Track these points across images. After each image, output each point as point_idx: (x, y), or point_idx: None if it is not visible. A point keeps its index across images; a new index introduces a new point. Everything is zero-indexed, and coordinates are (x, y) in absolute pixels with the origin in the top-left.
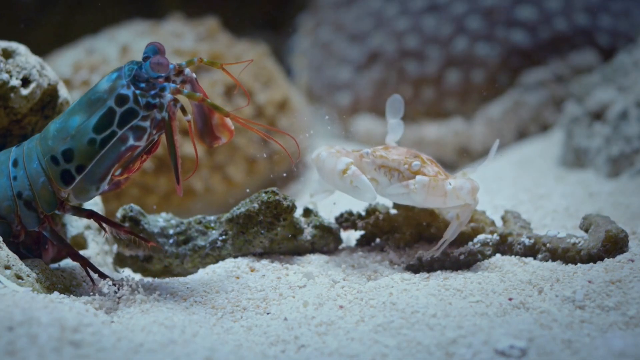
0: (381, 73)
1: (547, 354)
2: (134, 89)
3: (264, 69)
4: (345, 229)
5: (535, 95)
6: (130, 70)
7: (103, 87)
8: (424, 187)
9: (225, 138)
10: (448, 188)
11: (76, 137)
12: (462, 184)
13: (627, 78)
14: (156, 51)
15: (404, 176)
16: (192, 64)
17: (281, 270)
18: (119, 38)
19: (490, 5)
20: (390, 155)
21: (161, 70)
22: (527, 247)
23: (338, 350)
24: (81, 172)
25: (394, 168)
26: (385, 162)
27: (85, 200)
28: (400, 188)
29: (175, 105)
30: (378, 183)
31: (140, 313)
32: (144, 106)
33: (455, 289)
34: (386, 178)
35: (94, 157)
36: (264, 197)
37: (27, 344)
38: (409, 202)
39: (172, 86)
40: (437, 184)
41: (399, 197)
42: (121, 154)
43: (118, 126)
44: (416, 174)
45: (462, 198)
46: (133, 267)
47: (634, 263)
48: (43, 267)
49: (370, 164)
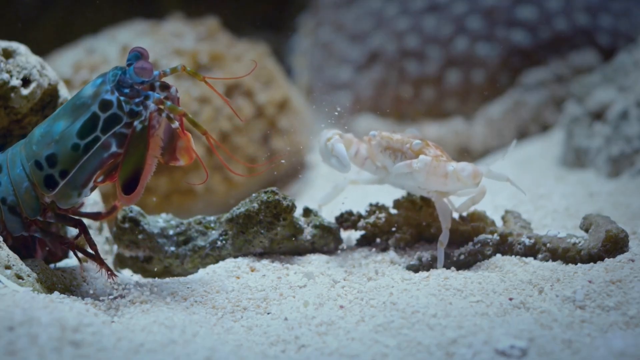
0: (381, 73)
1: (548, 354)
2: (118, 94)
3: (264, 69)
4: (345, 229)
5: (535, 95)
6: (114, 75)
7: (87, 93)
8: (426, 165)
9: (183, 162)
10: (449, 169)
11: (60, 142)
12: (464, 166)
13: (628, 78)
14: (139, 57)
15: (407, 157)
16: (175, 71)
17: (281, 270)
18: (120, 38)
19: (490, 5)
20: (394, 136)
21: (145, 75)
22: (527, 247)
23: (338, 350)
24: (65, 177)
25: (397, 149)
26: (390, 142)
27: (67, 205)
28: (403, 167)
29: (159, 115)
30: (387, 170)
31: (141, 313)
32: (128, 113)
33: (455, 289)
34: (391, 160)
35: (77, 162)
36: (264, 197)
37: (27, 344)
38: (412, 182)
39: (157, 96)
40: (438, 164)
41: (402, 178)
42: (104, 160)
43: (102, 132)
44: (418, 153)
45: (463, 181)
46: (133, 268)
47: (634, 263)
48: (43, 267)
49: (377, 146)
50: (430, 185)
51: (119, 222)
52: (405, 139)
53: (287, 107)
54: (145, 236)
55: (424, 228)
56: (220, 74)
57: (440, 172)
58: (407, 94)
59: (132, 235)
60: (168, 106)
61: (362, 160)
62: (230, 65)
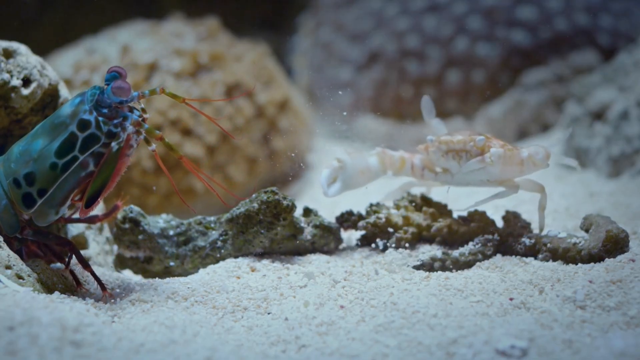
0: (382, 73)
1: (548, 354)
2: (97, 114)
3: (264, 69)
4: (346, 229)
5: (535, 95)
6: (92, 95)
7: (66, 112)
8: (500, 157)
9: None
10: (524, 155)
11: (38, 160)
12: (537, 150)
13: (628, 78)
14: (117, 76)
15: (472, 155)
16: (154, 93)
17: (282, 270)
18: (120, 38)
19: (490, 5)
20: (454, 138)
21: (122, 94)
22: (527, 247)
23: (339, 350)
24: (43, 196)
25: (460, 150)
26: (451, 145)
27: (45, 223)
28: (475, 164)
29: (137, 135)
30: (449, 172)
31: (141, 313)
32: (106, 133)
33: (456, 289)
34: (455, 162)
35: (55, 181)
36: (264, 197)
37: (27, 344)
38: (485, 176)
39: (135, 117)
40: (512, 153)
41: (474, 175)
42: (81, 179)
43: (80, 151)
44: (482, 149)
45: (539, 164)
46: (133, 269)
47: (634, 263)
48: (44, 267)
49: (437, 152)
50: (506, 175)
51: (119, 222)
52: (466, 138)
53: (287, 107)
54: (145, 237)
55: (424, 228)
56: (220, 73)
57: (516, 160)
58: (407, 94)
59: (132, 236)
60: (146, 129)
61: (420, 172)
62: (231, 65)
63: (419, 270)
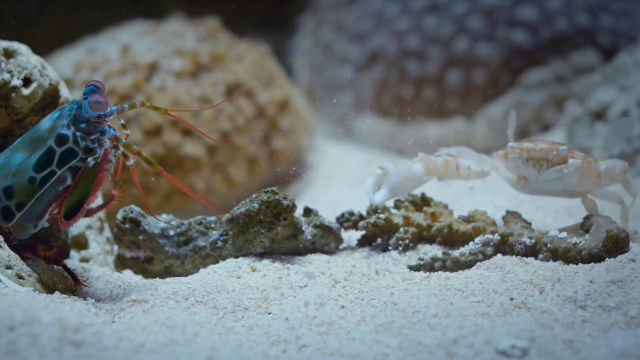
0: (382, 73)
1: (549, 354)
2: (74, 129)
3: (264, 69)
4: (346, 229)
5: (536, 95)
6: (70, 110)
7: (44, 126)
8: (578, 169)
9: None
10: (602, 168)
11: (17, 174)
12: (614, 163)
13: (629, 78)
14: (95, 90)
15: (553, 164)
16: (134, 107)
17: (282, 270)
18: (120, 38)
19: (491, 5)
20: (537, 146)
21: (100, 109)
22: (528, 247)
23: (339, 350)
24: (21, 210)
25: (542, 158)
26: (532, 153)
27: (23, 236)
28: (553, 173)
29: (115, 150)
30: (526, 179)
31: (142, 313)
32: (84, 149)
33: (456, 289)
34: (534, 170)
35: (33, 196)
36: (264, 197)
37: (28, 344)
38: (562, 186)
39: (113, 132)
40: (590, 166)
41: (551, 184)
42: (59, 193)
43: (57, 166)
44: (564, 159)
45: (616, 178)
46: (134, 269)
47: (635, 263)
48: (44, 267)
49: (517, 159)
50: (583, 187)
51: (119, 222)
52: (549, 146)
53: (287, 107)
54: (145, 237)
55: (424, 228)
56: (221, 73)
57: (593, 173)
58: (407, 94)
59: (132, 236)
60: (123, 144)
61: (466, 171)
62: (231, 65)
63: (420, 271)
